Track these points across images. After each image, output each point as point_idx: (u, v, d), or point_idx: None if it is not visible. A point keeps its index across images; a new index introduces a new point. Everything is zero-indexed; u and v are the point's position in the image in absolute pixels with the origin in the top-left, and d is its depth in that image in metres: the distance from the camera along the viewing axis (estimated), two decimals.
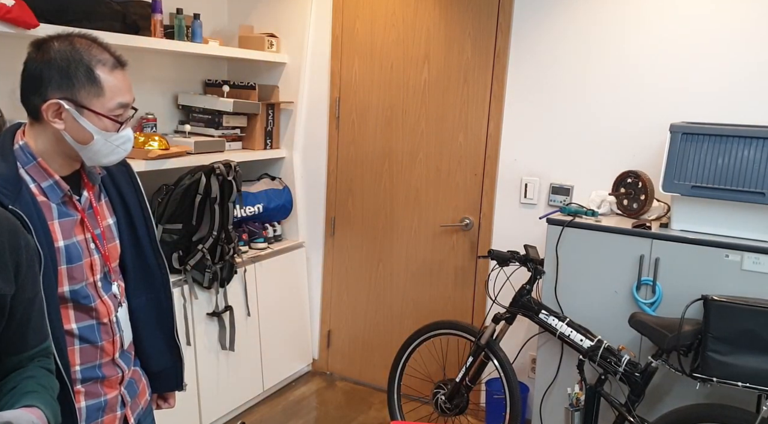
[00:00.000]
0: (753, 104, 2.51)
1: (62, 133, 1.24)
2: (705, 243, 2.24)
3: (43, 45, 1.25)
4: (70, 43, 1.24)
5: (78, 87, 1.23)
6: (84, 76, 1.23)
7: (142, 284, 1.49)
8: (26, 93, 1.26)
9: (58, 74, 1.22)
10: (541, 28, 2.86)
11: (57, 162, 1.28)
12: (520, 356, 3.00)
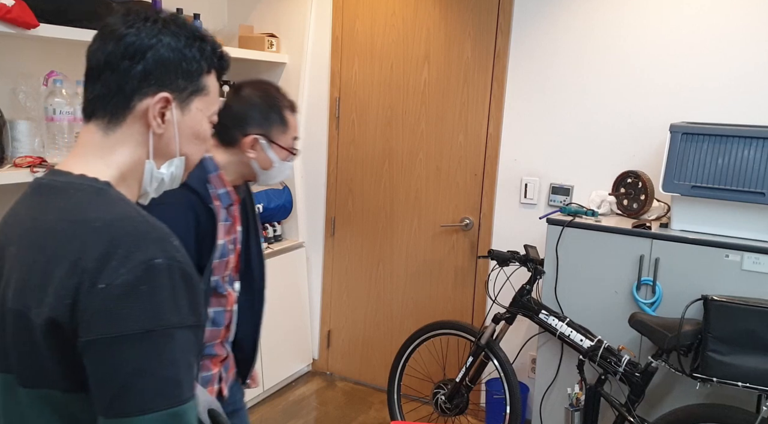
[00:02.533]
0: (753, 104, 2.51)
1: (252, 160, 1.56)
2: (705, 243, 2.24)
3: (241, 90, 1.57)
4: (264, 91, 1.58)
5: (272, 126, 1.56)
6: (277, 117, 1.57)
7: (245, 286, 1.70)
8: (227, 126, 1.55)
9: (259, 115, 1.55)
10: (541, 29, 2.86)
11: (232, 176, 1.57)
12: (520, 356, 3.00)
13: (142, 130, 0.93)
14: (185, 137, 0.97)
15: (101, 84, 0.91)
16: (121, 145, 0.92)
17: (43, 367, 0.80)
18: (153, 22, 0.92)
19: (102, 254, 0.78)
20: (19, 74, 2.31)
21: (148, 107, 0.92)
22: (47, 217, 0.84)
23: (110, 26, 0.92)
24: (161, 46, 0.91)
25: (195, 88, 0.96)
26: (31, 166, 2.07)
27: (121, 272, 0.77)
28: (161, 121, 0.93)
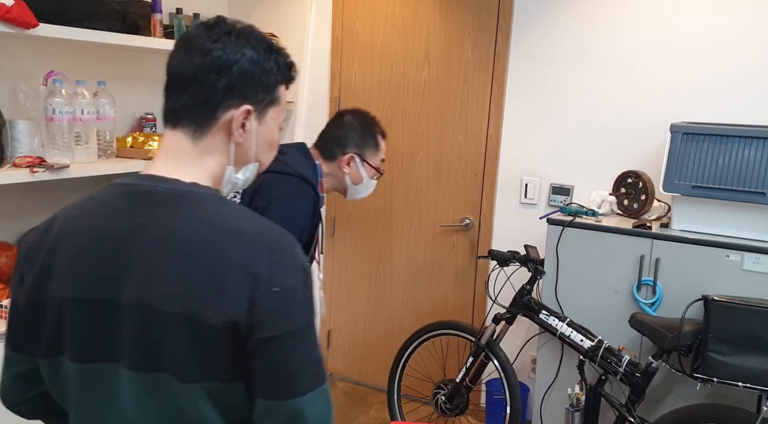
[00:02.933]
0: (753, 104, 2.51)
1: (346, 175, 1.86)
2: (705, 243, 2.24)
3: (344, 116, 1.90)
4: (363, 118, 1.90)
5: (367, 147, 1.87)
6: (372, 140, 1.88)
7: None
8: (330, 144, 1.86)
9: (358, 137, 1.86)
10: (541, 29, 2.86)
11: (327, 185, 1.88)
12: (521, 357, 3.00)
13: (224, 139, 0.99)
14: (261, 145, 1.04)
15: (188, 95, 0.97)
16: (209, 153, 0.99)
17: (209, 362, 0.87)
18: (236, 36, 0.99)
19: (268, 262, 0.89)
20: (19, 74, 2.31)
21: (231, 118, 0.98)
22: (186, 225, 0.90)
23: (196, 39, 0.98)
24: (245, 61, 0.98)
25: (271, 100, 1.03)
26: (30, 166, 2.07)
27: (288, 278, 0.90)
28: (243, 132, 1.00)
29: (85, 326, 0.91)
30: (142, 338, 0.89)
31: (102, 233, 0.92)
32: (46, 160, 2.14)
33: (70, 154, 2.22)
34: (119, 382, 0.91)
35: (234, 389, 0.90)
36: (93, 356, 0.92)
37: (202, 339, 0.87)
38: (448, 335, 2.76)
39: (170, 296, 0.87)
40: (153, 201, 0.92)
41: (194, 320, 0.86)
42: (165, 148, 0.99)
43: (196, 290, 0.87)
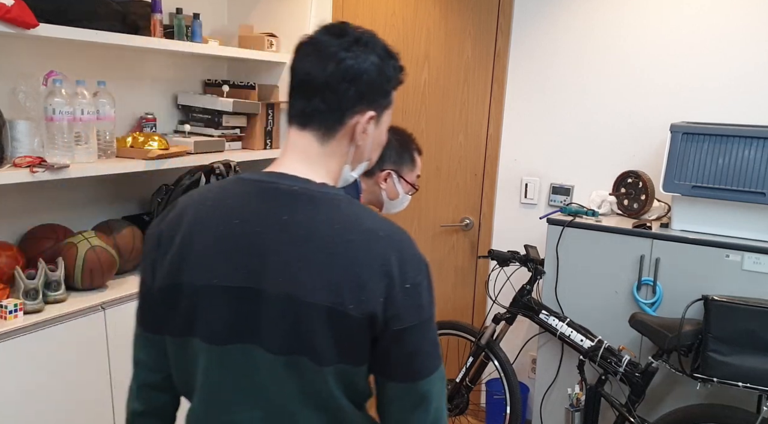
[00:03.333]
0: (753, 104, 2.51)
1: (383, 190, 1.89)
2: (705, 243, 2.24)
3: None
4: (400, 135, 1.93)
5: (404, 164, 1.89)
6: (408, 157, 1.91)
7: None
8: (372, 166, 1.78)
9: (396, 154, 1.88)
10: (541, 29, 2.86)
11: (364, 200, 1.93)
12: (521, 357, 3.00)
13: (347, 142, 1.07)
14: (374, 145, 1.12)
15: (320, 100, 1.03)
16: (334, 155, 1.06)
17: (346, 348, 0.97)
18: (364, 45, 1.04)
19: (399, 260, 0.98)
20: (19, 74, 2.31)
21: (357, 123, 1.05)
22: (325, 225, 0.98)
23: (327, 48, 1.03)
24: (372, 70, 1.04)
25: (387, 103, 1.10)
26: (30, 166, 2.07)
27: (417, 274, 0.99)
28: (365, 135, 1.07)
29: (224, 311, 0.99)
30: (284, 325, 0.96)
31: (242, 228, 0.99)
32: (46, 160, 2.14)
33: (70, 154, 2.22)
34: (257, 363, 0.99)
35: (360, 372, 1.00)
36: (230, 338, 0.99)
37: (341, 328, 0.96)
38: (448, 334, 2.76)
39: (315, 289, 0.95)
40: (292, 200, 1.00)
41: (337, 311, 0.95)
42: (293, 148, 1.06)
43: (339, 286, 0.95)
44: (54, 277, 2.12)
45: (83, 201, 2.63)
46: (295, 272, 0.96)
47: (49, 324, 2.01)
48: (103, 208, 2.71)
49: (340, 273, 0.95)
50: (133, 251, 2.48)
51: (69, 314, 2.07)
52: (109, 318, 2.18)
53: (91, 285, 2.24)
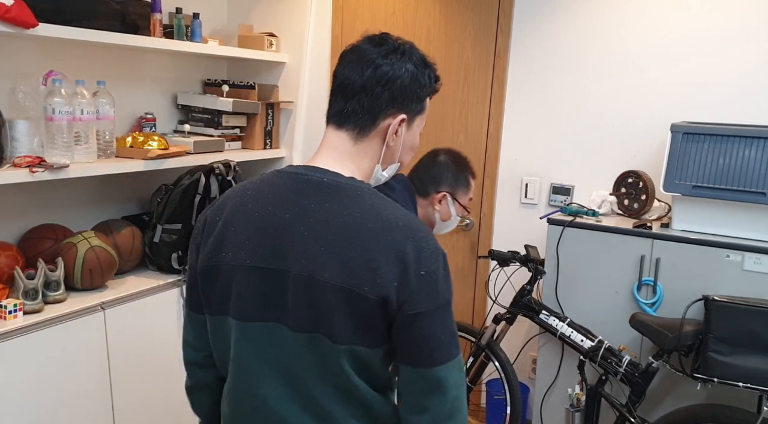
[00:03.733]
0: (753, 104, 2.51)
1: (436, 212, 1.92)
2: (706, 243, 2.24)
3: (438, 156, 1.97)
4: (456, 159, 1.96)
5: (459, 187, 1.93)
6: (464, 180, 1.94)
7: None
8: (425, 181, 1.93)
9: (452, 177, 1.92)
10: (541, 28, 2.86)
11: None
12: (521, 357, 3.00)
13: (380, 142, 1.15)
14: (406, 148, 1.20)
15: (356, 102, 1.13)
16: (366, 154, 1.15)
17: (360, 328, 1.04)
18: (401, 53, 1.14)
19: (415, 249, 1.04)
20: (18, 74, 2.30)
21: (389, 125, 1.14)
22: (347, 212, 1.05)
23: (367, 55, 1.13)
24: (407, 76, 1.13)
25: (420, 109, 1.18)
26: (30, 165, 2.07)
27: (432, 263, 1.04)
28: (395, 136, 1.16)
29: (254, 290, 1.09)
30: (305, 304, 1.05)
31: (275, 214, 1.09)
32: (46, 160, 2.14)
33: (69, 154, 2.22)
34: (282, 340, 1.08)
35: (375, 354, 1.06)
36: (258, 316, 1.09)
37: (357, 309, 1.02)
38: None
39: (333, 271, 1.03)
40: (319, 190, 1.08)
41: (353, 292, 1.02)
42: (328, 145, 1.15)
43: (355, 268, 1.02)
44: (53, 277, 2.11)
45: (83, 201, 2.63)
46: (315, 254, 1.04)
47: (49, 324, 2.01)
48: (102, 208, 2.71)
49: (356, 257, 1.02)
50: (132, 251, 2.48)
51: (68, 314, 2.07)
52: (108, 318, 2.18)
53: (90, 285, 2.24)
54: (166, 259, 2.51)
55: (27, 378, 1.95)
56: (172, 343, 2.44)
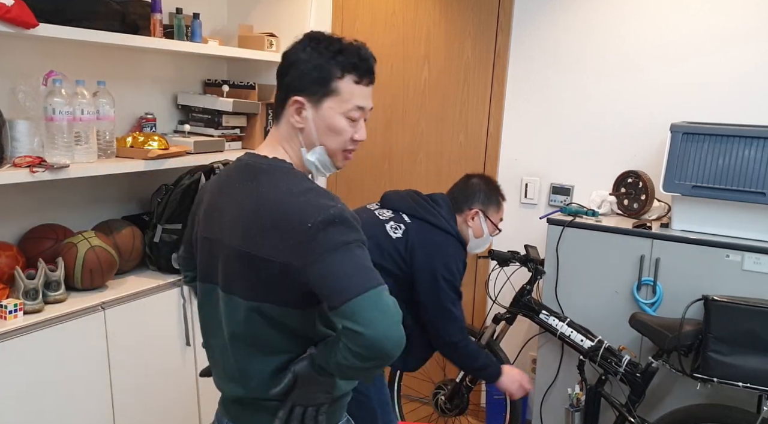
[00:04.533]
0: (753, 104, 2.51)
1: (469, 228, 2.12)
2: (706, 243, 2.24)
3: (472, 179, 2.16)
4: (488, 182, 2.16)
5: (491, 205, 2.14)
6: (495, 200, 2.14)
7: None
8: (459, 200, 2.12)
9: (484, 196, 2.12)
10: (541, 28, 2.86)
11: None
12: (521, 357, 3.00)
13: (289, 126, 1.28)
14: (320, 129, 1.27)
15: (276, 92, 1.30)
16: (287, 138, 1.30)
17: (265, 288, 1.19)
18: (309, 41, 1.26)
19: (300, 209, 1.15)
20: (19, 74, 2.30)
21: (290, 107, 1.26)
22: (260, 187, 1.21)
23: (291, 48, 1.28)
24: (302, 61, 1.24)
25: (325, 91, 1.25)
26: (30, 165, 2.07)
27: (318, 215, 1.14)
28: (299, 118, 1.26)
29: (204, 256, 1.31)
30: (225, 268, 1.24)
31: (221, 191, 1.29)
32: (46, 160, 2.14)
33: (69, 154, 2.22)
34: (217, 299, 1.29)
35: (286, 313, 1.20)
36: (205, 278, 1.31)
37: (261, 271, 1.17)
38: None
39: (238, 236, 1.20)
40: (247, 170, 1.26)
41: (256, 256, 1.17)
42: (269, 135, 1.33)
43: (255, 233, 1.17)
44: (54, 277, 2.11)
45: (83, 201, 2.63)
46: (232, 224, 1.22)
47: (49, 324, 2.01)
48: (103, 208, 2.71)
49: (257, 223, 1.17)
50: (132, 251, 2.48)
51: (69, 314, 2.07)
52: (108, 318, 2.18)
53: (90, 285, 2.24)
54: (166, 259, 2.51)
55: (27, 378, 1.95)
56: (172, 343, 2.44)
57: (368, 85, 1.29)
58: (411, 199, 2.08)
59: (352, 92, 1.26)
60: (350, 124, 1.28)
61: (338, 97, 1.25)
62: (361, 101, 1.28)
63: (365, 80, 1.28)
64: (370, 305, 1.08)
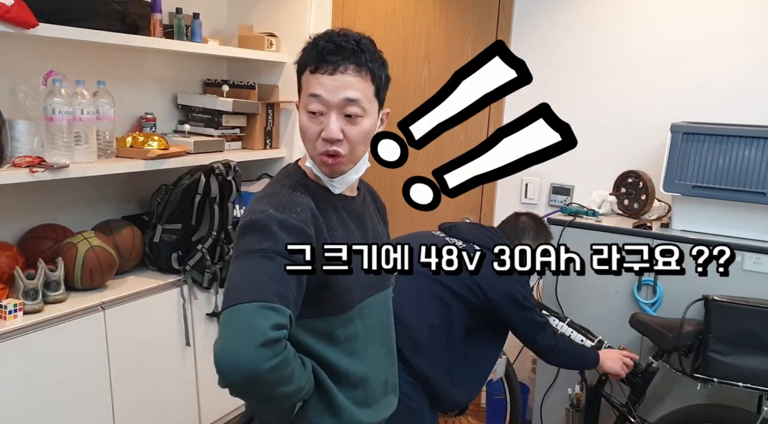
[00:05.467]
0: (753, 104, 2.50)
1: None
2: (706, 243, 2.23)
3: (521, 217, 2.23)
4: (536, 220, 2.23)
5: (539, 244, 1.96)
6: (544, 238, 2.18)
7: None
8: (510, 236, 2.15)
9: (533, 233, 2.17)
10: (541, 28, 2.86)
11: None
12: (521, 357, 2.99)
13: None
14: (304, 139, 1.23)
15: None
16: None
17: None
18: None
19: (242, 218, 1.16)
20: (18, 74, 2.30)
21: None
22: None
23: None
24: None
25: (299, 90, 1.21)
26: (30, 166, 2.06)
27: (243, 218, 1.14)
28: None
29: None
30: None
31: None
32: (46, 160, 2.14)
33: (69, 154, 2.22)
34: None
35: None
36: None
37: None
38: None
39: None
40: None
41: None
42: None
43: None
44: (53, 277, 2.11)
45: (83, 201, 2.63)
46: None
47: (49, 324, 2.00)
48: (103, 208, 2.70)
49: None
50: (132, 251, 2.48)
51: (68, 314, 2.06)
52: (108, 318, 2.18)
53: (90, 285, 2.24)
54: (166, 259, 2.51)
55: (27, 378, 1.94)
56: (172, 343, 2.44)
57: (328, 73, 1.15)
58: (480, 232, 2.16)
59: (308, 82, 1.17)
60: (312, 119, 1.17)
61: (303, 93, 1.18)
62: (315, 88, 1.15)
63: (322, 68, 1.15)
64: (230, 320, 1.00)
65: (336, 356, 1.22)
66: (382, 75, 1.25)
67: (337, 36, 1.17)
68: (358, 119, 1.17)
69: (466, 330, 2.01)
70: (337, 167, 1.20)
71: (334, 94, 1.14)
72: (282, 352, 1.03)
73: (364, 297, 1.29)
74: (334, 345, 1.23)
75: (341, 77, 1.15)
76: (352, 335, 1.25)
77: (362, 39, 1.22)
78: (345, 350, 1.24)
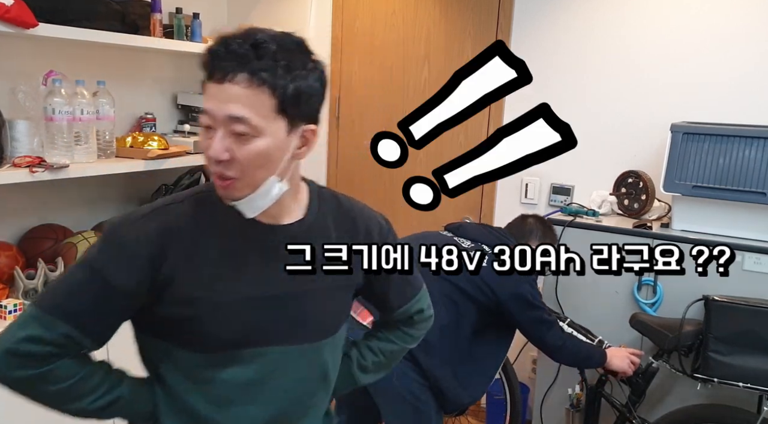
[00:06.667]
0: (753, 104, 2.50)
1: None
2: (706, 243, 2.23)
3: (527, 219, 2.24)
4: (542, 223, 2.24)
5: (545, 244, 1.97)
6: (550, 240, 2.20)
7: None
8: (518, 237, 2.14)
9: (540, 234, 2.18)
10: (541, 28, 2.86)
11: None
12: (521, 357, 2.99)
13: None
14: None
15: None
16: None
17: None
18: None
19: None
20: (18, 74, 2.30)
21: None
22: None
23: None
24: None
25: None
26: (30, 166, 2.07)
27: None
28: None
29: None
30: None
31: None
32: (46, 160, 2.14)
33: (69, 154, 2.22)
34: None
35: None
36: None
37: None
38: None
39: None
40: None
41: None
42: None
43: None
44: (53, 277, 2.11)
45: (83, 201, 2.63)
46: None
47: None
48: (102, 208, 2.70)
49: None
50: None
51: None
52: None
53: None
54: None
55: None
56: None
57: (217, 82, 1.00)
58: (488, 232, 2.17)
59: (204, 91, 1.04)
60: (203, 134, 1.01)
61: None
62: (205, 100, 1.01)
63: (213, 76, 1.01)
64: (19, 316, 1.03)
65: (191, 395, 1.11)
66: (287, 85, 0.98)
67: (236, 37, 0.99)
68: (249, 138, 0.98)
69: (473, 330, 2.02)
70: (230, 192, 1.01)
71: (218, 108, 0.99)
72: (38, 367, 0.99)
73: (259, 344, 1.08)
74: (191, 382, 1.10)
75: (229, 88, 0.98)
76: (219, 380, 1.08)
77: (267, 42, 0.98)
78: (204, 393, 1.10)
